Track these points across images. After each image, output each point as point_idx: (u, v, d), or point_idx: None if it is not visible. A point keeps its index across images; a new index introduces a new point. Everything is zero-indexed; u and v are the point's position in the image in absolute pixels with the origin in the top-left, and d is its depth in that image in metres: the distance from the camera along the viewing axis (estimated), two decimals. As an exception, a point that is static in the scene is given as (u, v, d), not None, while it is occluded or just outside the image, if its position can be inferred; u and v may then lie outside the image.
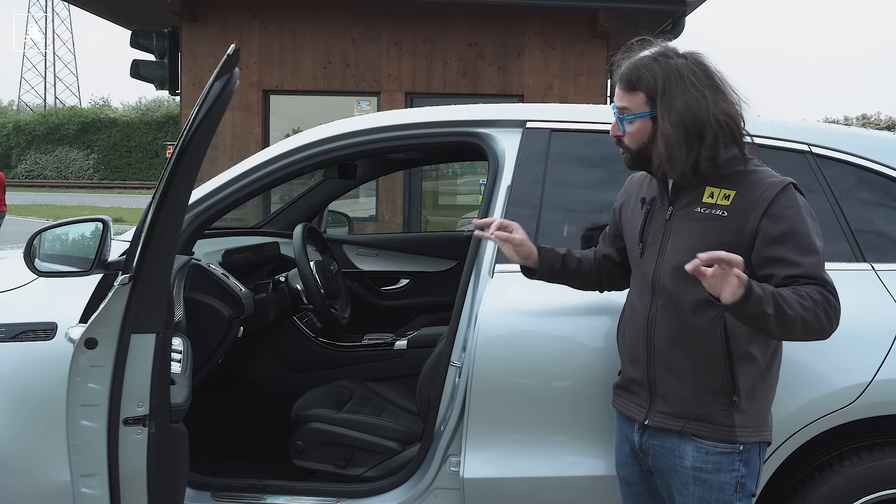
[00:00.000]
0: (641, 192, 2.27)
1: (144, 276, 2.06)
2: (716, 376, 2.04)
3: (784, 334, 1.95)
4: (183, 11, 9.35)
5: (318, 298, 3.53)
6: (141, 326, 2.08)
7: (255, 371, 3.87)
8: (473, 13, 9.51)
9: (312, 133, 2.99)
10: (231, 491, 2.86)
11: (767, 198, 2.01)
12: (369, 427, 3.11)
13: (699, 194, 2.09)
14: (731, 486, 2.06)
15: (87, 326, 2.08)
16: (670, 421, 2.10)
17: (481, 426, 2.57)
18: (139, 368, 2.08)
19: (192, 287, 3.01)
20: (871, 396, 2.44)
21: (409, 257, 4.75)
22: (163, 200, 2.05)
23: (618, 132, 2.16)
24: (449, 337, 2.70)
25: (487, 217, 2.72)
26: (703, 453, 2.06)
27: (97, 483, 2.12)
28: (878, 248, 2.62)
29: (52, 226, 2.67)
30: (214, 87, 2.05)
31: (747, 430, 2.07)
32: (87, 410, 2.10)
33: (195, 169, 2.09)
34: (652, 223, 2.18)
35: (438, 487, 2.69)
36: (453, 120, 2.97)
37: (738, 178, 2.07)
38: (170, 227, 2.06)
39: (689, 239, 2.07)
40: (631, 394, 2.22)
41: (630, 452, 2.24)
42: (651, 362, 2.13)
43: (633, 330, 2.20)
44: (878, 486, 2.48)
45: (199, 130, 2.06)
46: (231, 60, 2.06)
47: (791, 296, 1.90)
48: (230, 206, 2.94)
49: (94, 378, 2.08)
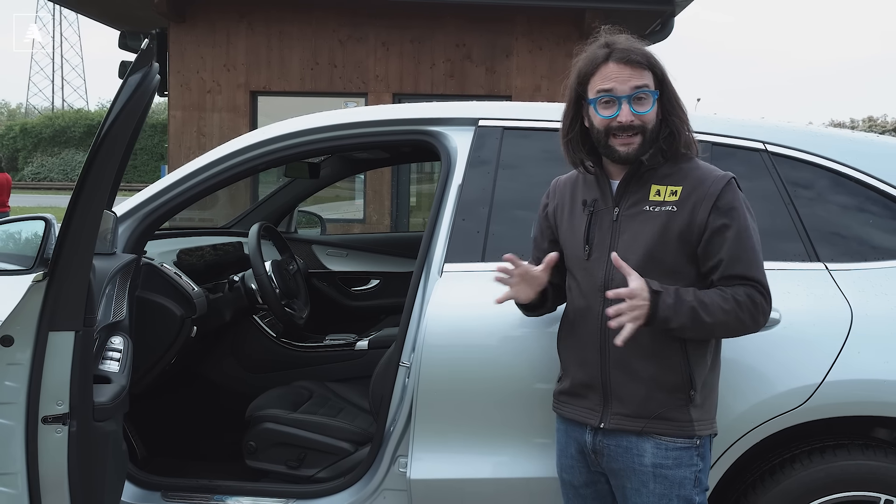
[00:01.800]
0: (577, 195, 2.21)
1: (60, 273, 2.03)
2: (675, 373, 2.05)
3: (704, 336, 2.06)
4: (170, 12, 9.35)
5: (272, 298, 3.50)
6: (58, 324, 2.05)
7: (216, 371, 3.86)
8: (461, 14, 9.50)
9: (265, 131, 2.98)
10: (181, 491, 2.85)
11: (714, 192, 2.03)
12: (322, 428, 3.09)
13: (645, 193, 2.08)
14: (690, 480, 2.06)
15: (1, 324, 2.04)
16: (629, 422, 2.07)
17: (428, 427, 2.55)
18: (58, 366, 2.05)
19: (144, 286, 2.99)
20: (821, 398, 2.41)
21: (380, 258, 4.73)
22: (77, 198, 2.02)
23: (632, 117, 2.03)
24: (399, 337, 2.67)
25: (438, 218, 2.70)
26: (662, 449, 2.05)
27: (16, 482, 2.08)
28: (832, 248, 2.58)
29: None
30: (130, 81, 2.01)
31: (703, 423, 2.08)
32: (4, 408, 2.07)
33: (112, 164, 2.06)
34: (598, 224, 2.13)
35: (387, 489, 2.67)
36: (406, 118, 2.94)
37: (682, 175, 2.08)
38: (86, 225, 2.03)
39: (641, 237, 2.05)
40: (579, 398, 2.17)
41: (577, 455, 2.20)
42: (605, 365, 2.09)
43: (582, 333, 2.14)
44: (828, 490, 2.45)
45: (113, 126, 2.03)
46: (146, 55, 2.03)
47: (714, 300, 1.99)
48: (182, 205, 2.93)
49: (10, 376, 2.05)
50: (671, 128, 2.08)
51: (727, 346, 2.27)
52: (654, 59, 2.07)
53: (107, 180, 2.06)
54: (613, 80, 2.03)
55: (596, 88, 2.06)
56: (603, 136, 2.07)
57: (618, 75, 2.03)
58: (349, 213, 10.24)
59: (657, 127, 2.07)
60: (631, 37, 2.11)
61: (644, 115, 2.03)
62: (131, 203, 2.89)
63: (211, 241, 4.01)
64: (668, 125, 2.08)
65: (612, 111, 2.04)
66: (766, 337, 2.39)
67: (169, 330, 3.04)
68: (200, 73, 9.69)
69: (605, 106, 2.05)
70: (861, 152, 2.70)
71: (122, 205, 2.88)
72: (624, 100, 2.02)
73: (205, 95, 9.73)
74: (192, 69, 9.65)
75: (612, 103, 2.04)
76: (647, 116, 2.04)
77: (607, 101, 2.04)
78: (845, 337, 2.44)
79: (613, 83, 2.03)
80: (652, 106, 2.04)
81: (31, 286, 2.05)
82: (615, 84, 2.03)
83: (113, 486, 2.36)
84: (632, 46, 2.06)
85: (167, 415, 3.59)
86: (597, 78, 2.07)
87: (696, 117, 2.70)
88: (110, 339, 2.49)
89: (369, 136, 2.95)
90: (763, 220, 2.58)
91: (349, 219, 10.04)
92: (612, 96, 2.03)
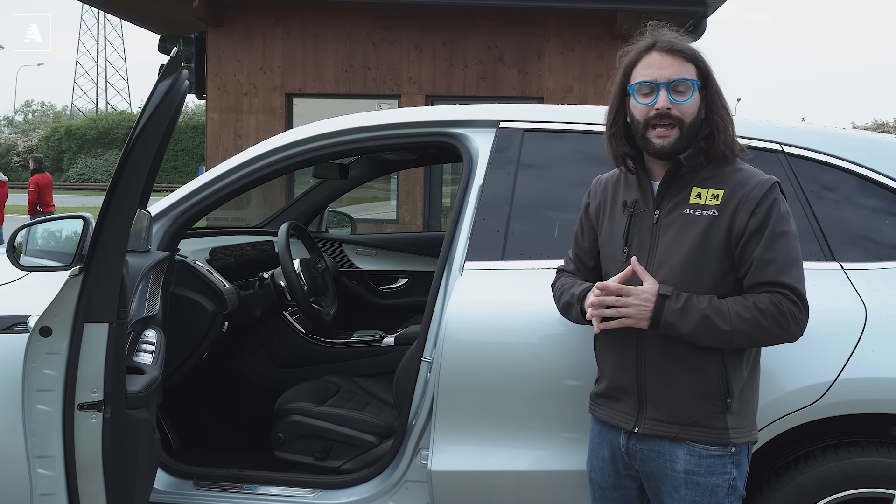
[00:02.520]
0: (618, 195, 2.19)
1: (95, 268, 2.14)
2: (711, 380, 2.02)
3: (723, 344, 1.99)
4: (208, 17, 9.53)
5: (300, 295, 3.60)
6: (93, 316, 2.16)
7: (247, 366, 3.96)
8: (493, 16, 9.55)
9: (292, 133, 3.06)
10: (212, 480, 2.95)
11: (756, 195, 2.00)
12: (348, 421, 3.17)
13: (686, 195, 2.05)
14: (723, 488, 2.04)
15: (40, 315, 2.16)
16: (663, 427, 2.06)
17: (448, 420, 2.61)
18: (93, 356, 2.16)
19: (177, 282, 3.10)
20: (835, 395, 2.43)
21: (409, 257, 4.81)
22: (111, 197, 2.13)
23: (669, 104, 2.00)
24: (421, 333, 2.75)
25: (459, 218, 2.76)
26: (695, 457, 2.04)
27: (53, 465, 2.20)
28: (848, 247, 2.61)
29: (36, 222, 2.76)
30: (160, 87, 2.12)
31: (739, 431, 2.05)
32: (43, 395, 2.19)
33: (144, 166, 2.16)
34: (637, 226, 2.10)
35: (410, 480, 2.74)
36: (429, 121, 3.01)
37: (724, 178, 2.05)
38: (119, 222, 2.15)
39: (682, 241, 2.03)
40: (615, 401, 2.16)
41: (609, 458, 2.19)
42: (641, 370, 2.08)
43: (618, 336, 2.10)
44: (842, 486, 2.47)
45: (145, 129, 2.13)
46: (174, 62, 2.13)
47: (733, 308, 1.96)
48: (213, 205, 3.02)
49: (49, 364, 2.17)
50: (712, 126, 2.04)
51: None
52: (699, 54, 2.05)
53: (138, 181, 2.17)
54: (654, 67, 2.02)
55: (637, 76, 2.05)
56: (641, 128, 2.05)
57: (659, 62, 2.02)
58: (383, 213, 10.36)
59: (697, 123, 2.03)
60: (676, 33, 2.09)
61: (682, 104, 2.01)
62: (165, 203, 2.99)
63: (243, 241, 4.12)
64: (709, 123, 2.04)
65: (651, 98, 2.02)
66: (780, 335, 2.45)
67: (201, 325, 3.15)
68: (237, 76, 9.87)
69: (644, 95, 2.04)
70: (877, 153, 2.72)
71: (156, 204, 2.98)
72: (662, 87, 2.00)
73: (241, 98, 9.90)
74: (229, 72, 9.83)
75: (652, 91, 2.02)
76: (685, 107, 2.01)
77: (647, 90, 2.03)
78: (859, 335, 2.46)
79: (653, 70, 2.02)
80: (691, 96, 2.02)
81: (67, 280, 2.17)
82: (655, 71, 2.02)
83: (145, 471, 2.47)
84: (676, 39, 2.05)
85: (200, 408, 3.70)
86: (639, 67, 2.05)
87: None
88: (144, 332, 2.61)
89: (395, 137, 3.03)
90: (779, 219, 2.63)
91: (383, 219, 10.16)
92: (652, 83, 2.02)
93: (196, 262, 3.31)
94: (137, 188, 2.19)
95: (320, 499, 2.84)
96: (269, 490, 2.91)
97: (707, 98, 2.06)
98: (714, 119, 2.05)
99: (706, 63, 2.06)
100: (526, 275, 2.63)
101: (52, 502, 2.24)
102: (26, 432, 2.24)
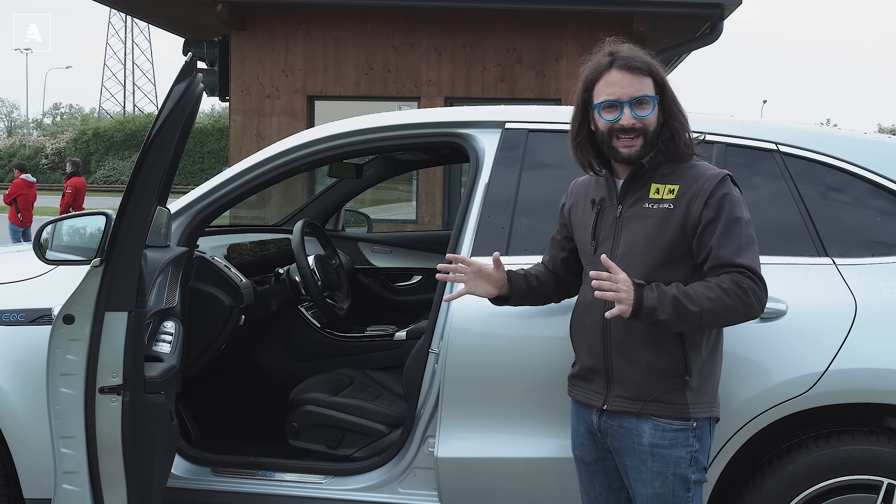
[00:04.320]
0: (589, 194, 2.38)
1: (115, 260, 2.28)
2: (669, 359, 2.19)
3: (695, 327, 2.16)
4: (231, 21, 9.68)
5: (314, 290, 3.73)
6: (113, 305, 2.30)
7: (263, 359, 4.09)
8: (511, 19, 9.64)
9: (308, 133, 3.17)
10: (229, 467, 3.07)
11: (708, 188, 2.17)
12: (359, 410, 3.28)
13: (646, 192, 2.23)
14: (685, 459, 2.21)
15: (64, 304, 2.30)
16: (628, 404, 2.23)
17: (454, 409, 2.72)
18: (113, 343, 2.30)
19: (196, 277, 3.23)
20: (825, 386, 2.52)
21: (423, 254, 4.91)
22: (129, 194, 2.27)
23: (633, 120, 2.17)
24: (429, 325, 2.85)
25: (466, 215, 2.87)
26: (659, 430, 2.20)
27: (75, 445, 2.34)
28: (840, 243, 2.69)
29: (60, 218, 2.91)
30: (176, 90, 2.25)
31: (698, 406, 2.21)
32: (66, 379, 2.33)
33: (160, 164, 2.29)
34: (603, 221, 2.30)
35: (417, 467, 2.85)
36: (438, 121, 3.12)
37: (680, 174, 2.23)
38: (137, 217, 2.28)
39: (640, 233, 2.22)
40: (587, 381, 2.34)
41: (586, 433, 2.36)
42: (607, 351, 2.26)
43: (589, 321, 2.30)
44: (833, 473, 2.56)
45: (160, 131, 2.26)
46: (189, 66, 2.26)
47: (698, 291, 2.11)
48: (230, 203, 3.15)
49: (72, 350, 2.31)
50: (672, 130, 2.22)
51: (735, 337, 2.41)
52: (655, 66, 2.22)
53: (155, 178, 2.31)
54: (616, 86, 2.18)
55: (600, 94, 2.21)
56: (607, 139, 2.23)
57: (620, 81, 2.18)
58: (403, 214, 10.48)
59: (658, 129, 2.21)
60: (633, 45, 2.25)
61: (645, 118, 2.18)
62: (184, 200, 3.11)
63: (259, 238, 4.26)
64: (669, 128, 2.22)
65: (615, 115, 2.19)
66: (772, 327, 2.54)
67: (218, 318, 3.28)
68: (260, 79, 10.02)
69: (608, 111, 2.20)
70: (869, 152, 2.80)
71: (175, 202, 3.10)
72: (626, 104, 2.17)
73: (264, 100, 10.06)
74: (251, 75, 9.98)
75: (615, 108, 2.19)
76: (647, 120, 2.19)
77: (610, 105, 2.19)
78: (849, 328, 2.54)
79: (616, 89, 2.18)
80: (652, 110, 2.19)
81: (89, 271, 2.31)
82: (618, 90, 2.18)
83: (162, 453, 2.60)
84: (634, 55, 2.21)
85: (218, 399, 3.83)
86: (601, 84, 2.21)
87: (711, 119, 2.85)
88: (163, 323, 2.75)
89: (405, 138, 3.14)
90: (774, 216, 2.72)
91: (402, 219, 10.28)
92: (615, 101, 2.18)
93: (214, 257, 3.44)
94: (154, 185, 2.33)
95: (333, 485, 2.96)
96: (284, 476, 3.03)
97: (664, 105, 2.22)
98: (673, 124, 2.22)
99: (661, 74, 2.23)
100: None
101: (75, 480, 2.38)
102: (51, 414, 2.38)
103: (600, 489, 2.40)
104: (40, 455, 2.85)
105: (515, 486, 2.75)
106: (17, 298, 2.93)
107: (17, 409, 2.85)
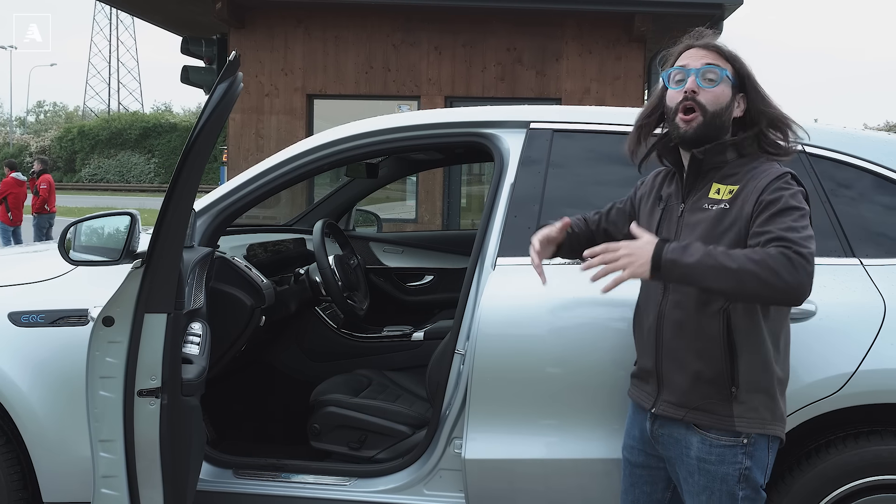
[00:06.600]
0: (660, 190, 2.34)
1: (156, 262, 2.26)
2: (715, 367, 2.12)
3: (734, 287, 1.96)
4: (231, 19, 9.65)
5: (335, 290, 3.72)
6: (153, 307, 2.28)
7: (280, 360, 4.07)
8: (512, 18, 9.65)
9: (329, 134, 3.15)
10: (251, 469, 3.05)
11: (762, 185, 2.08)
12: (381, 412, 3.26)
13: (706, 191, 2.18)
14: (733, 477, 2.13)
15: (104, 306, 2.28)
16: (673, 409, 2.18)
17: (482, 410, 2.70)
18: (152, 345, 2.29)
19: (218, 278, 3.21)
20: (855, 386, 2.52)
21: (434, 254, 4.90)
22: (170, 196, 2.26)
23: (695, 87, 2.13)
24: (454, 326, 2.84)
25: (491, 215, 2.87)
26: (706, 445, 2.14)
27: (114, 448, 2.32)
28: (867, 244, 2.69)
29: (84, 219, 2.88)
30: (218, 90, 2.24)
31: (747, 420, 2.11)
32: (105, 382, 2.31)
33: (201, 164, 2.28)
34: (666, 220, 2.26)
35: (443, 468, 2.84)
36: (462, 121, 3.10)
37: (742, 174, 2.16)
38: (176, 220, 2.27)
39: (695, 234, 2.14)
40: (643, 382, 2.31)
41: (639, 437, 2.34)
42: (659, 353, 2.21)
43: (645, 321, 2.27)
44: (862, 473, 2.56)
45: (204, 130, 2.25)
46: (233, 65, 2.25)
47: (738, 252, 1.97)
48: (251, 203, 3.12)
49: (111, 353, 2.29)
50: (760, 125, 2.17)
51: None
52: (736, 54, 2.19)
53: (195, 179, 2.29)
54: (689, 58, 2.18)
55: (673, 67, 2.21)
56: (672, 113, 2.18)
57: (694, 55, 2.18)
58: (402, 213, 10.47)
59: (722, 114, 2.15)
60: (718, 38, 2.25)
61: (709, 90, 2.13)
62: (206, 200, 3.09)
63: (276, 238, 4.24)
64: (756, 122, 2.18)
65: (682, 84, 2.16)
66: (802, 328, 2.52)
67: (240, 318, 3.25)
68: (259, 77, 10.00)
69: (676, 81, 2.18)
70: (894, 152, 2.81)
71: (197, 202, 3.07)
72: (692, 72, 2.14)
73: (263, 99, 10.03)
74: (250, 73, 9.94)
75: (683, 78, 2.16)
76: (711, 93, 2.13)
77: (679, 77, 2.17)
78: (878, 328, 2.55)
79: (688, 59, 2.18)
80: (718, 83, 2.13)
81: (129, 273, 2.29)
82: (688, 60, 2.18)
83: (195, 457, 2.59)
84: (715, 42, 2.20)
85: (234, 400, 3.81)
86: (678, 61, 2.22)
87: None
88: (190, 324, 2.73)
89: (428, 137, 3.12)
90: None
91: (402, 219, 10.27)
92: (683, 68, 2.17)
93: (235, 258, 3.42)
94: (195, 185, 2.31)
95: (356, 487, 2.94)
96: (306, 479, 3.00)
97: (748, 97, 2.18)
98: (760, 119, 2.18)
99: (741, 61, 2.19)
100: (556, 270, 2.68)
101: (113, 484, 2.36)
102: (89, 417, 2.36)
103: (640, 494, 2.38)
104: (60, 458, 2.85)
105: (539, 488, 2.74)
106: (37, 300, 2.91)
107: (38, 412, 2.83)
